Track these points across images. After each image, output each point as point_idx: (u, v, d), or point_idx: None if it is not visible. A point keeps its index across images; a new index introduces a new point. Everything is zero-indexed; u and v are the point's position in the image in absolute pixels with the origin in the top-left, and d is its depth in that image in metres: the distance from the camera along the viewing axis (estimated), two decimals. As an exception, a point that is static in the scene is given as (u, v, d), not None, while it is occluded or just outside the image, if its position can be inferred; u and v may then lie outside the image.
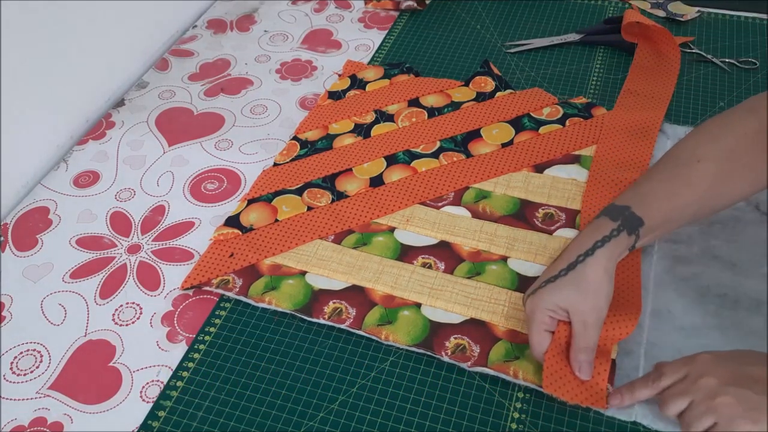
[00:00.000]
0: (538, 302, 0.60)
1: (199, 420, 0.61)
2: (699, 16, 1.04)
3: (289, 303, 0.68)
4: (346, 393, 0.62)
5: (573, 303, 0.58)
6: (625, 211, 0.61)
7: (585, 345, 0.58)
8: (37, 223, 0.79)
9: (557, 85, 0.93)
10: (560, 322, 0.60)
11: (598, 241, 0.60)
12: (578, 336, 0.58)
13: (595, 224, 0.62)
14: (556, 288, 0.59)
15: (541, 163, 0.81)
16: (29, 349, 0.67)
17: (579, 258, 0.59)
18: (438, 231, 0.74)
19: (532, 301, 0.61)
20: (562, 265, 0.60)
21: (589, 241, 0.60)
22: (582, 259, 0.59)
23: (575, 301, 0.58)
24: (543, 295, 0.60)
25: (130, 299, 0.71)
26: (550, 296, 0.59)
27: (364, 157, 0.83)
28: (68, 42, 0.88)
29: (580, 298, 0.58)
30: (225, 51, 1.04)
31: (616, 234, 0.60)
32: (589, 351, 0.59)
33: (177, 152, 0.87)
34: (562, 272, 0.60)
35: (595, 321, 0.58)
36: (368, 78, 0.95)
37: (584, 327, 0.58)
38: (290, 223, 0.76)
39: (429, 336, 0.65)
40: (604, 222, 0.62)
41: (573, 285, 0.59)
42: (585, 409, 0.59)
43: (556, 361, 0.60)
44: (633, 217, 0.61)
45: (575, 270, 0.59)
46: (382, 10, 1.10)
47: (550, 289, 0.59)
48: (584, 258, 0.59)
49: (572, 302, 0.58)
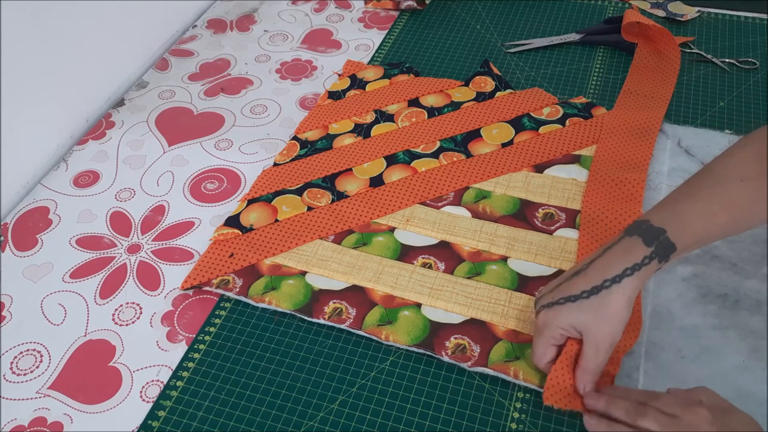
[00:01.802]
0: (553, 318, 0.58)
1: (199, 420, 0.61)
2: (699, 16, 1.04)
3: (289, 303, 0.68)
4: (346, 393, 0.62)
5: (590, 327, 0.57)
6: (661, 236, 0.57)
7: (594, 367, 0.58)
8: (37, 223, 0.79)
9: (557, 85, 0.93)
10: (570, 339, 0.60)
11: (628, 269, 0.56)
12: (588, 358, 0.58)
13: (626, 244, 0.58)
14: (576, 309, 0.57)
15: (541, 163, 0.81)
16: (29, 349, 0.67)
17: (605, 283, 0.57)
18: (438, 231, 0.74)
19: (547, 314, 0.59)
20: (586, 285, 0.57)
21: (618, 266, 0.57)
22: (608, 286, 0.56)
23: (592, 326, 0.57)
24: (561, 312, 0.58)
25: (130, 299, 0.71)
26: (567, 316, 0.58)
27: (364, 157, 0.83)
28: (68, 42, 0.88)
29: (598, 324, 0.57)
30: (225, 51, 1.04)
31: (648, 262, 0.57)
32: (596, 373, 0.58)
33: (177, 152, 0.87)
34: (584, 294, 0.57)
35: (608, 346, 0.57)
36: (368, 78, 0.95)
37: (596, 350, 0.57)
38: (290, 223, 0.76)
39: (429, 336, 0.65)
40: (636, 244, 0.57)
41: (593, 310, 0.57)
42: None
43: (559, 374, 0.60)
44: (667, 243, 0.57)
45: (599, 295, 0.57)
46: (382, 10, 1.10)
47: (568, 309, 0.58)
48: (611, 285, 0.56)
49: (589, 327, 0.57)
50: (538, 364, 0.60)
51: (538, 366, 0.60)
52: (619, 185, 0.77)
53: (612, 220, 0.73)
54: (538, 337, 0.59)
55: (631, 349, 0.63)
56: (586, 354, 0.57)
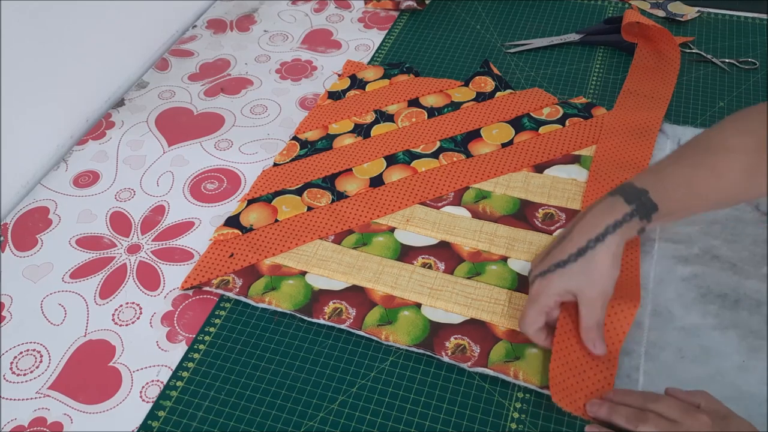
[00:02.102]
0: (546, 286, 0.60)
1: (199, 420, 0.61)
2: (699, 16, 1.04)
3: (289, 303, 0.68)
4: (346, 393, 0.62)
5: (582, 288, 0.59)
6: (642, 196, 0.59)
7: (594, 323, 0.60)
8: (37, 223, 0.79)
9: (557, 85, 0.93)
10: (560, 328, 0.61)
11: (610, 226, 0.59)
12: (587, 316, 0.60)
13: (608, 203, 0.60)
14: (566, 274, 0.60)
15: (541, 163, 0.81)
16: (29, 349, 0.67)
17: (590, 243, 0.59)
18: (438, 231, 0.74)
19: (541, 283, 0.61)
20: (572, 249, 0.60)
21: (600, 224, 0.59)
22: (593, 246, 0.59)
23: (584, 286, 0.59)
24: (553, 280, 0.60)
25: (130, 299, 0.71)
26: (559, 282, 0.60)
27: (364, 157, 0.83)
28: (68, 42, 0.88)
29: (589, 284, 0.59)
30: (225, 51, 1.04)
31: (629, 219, 0.59)
32: (598, 327, 0.60)
33: (177, 152, 0.87)
34: (572, 258, 0.59)
35: (602, 303, 0.60)
36: (368, 78, 0.95)
37: (592, 309, 0.59)
38: (290, 224, 0.76)
39: (429, 336, 0.65)
40: (618, 203, 0.59)
41: (582, 272, 0.59)
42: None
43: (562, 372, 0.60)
44: (649, 203, 0.59)
45: (585, 257, 0.59)
46: (382, 10, 1.10)
47: (560, 275, 0.60)
48: (595, 245, 0.59)
49: (581, 288, 0.59)
50: (527, 331, 0.62)
51: (527, 333, 0.62)
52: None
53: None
54: (532, 305, 0.61)
55: (631, 350, 0.63)
56: (584, 313, 0.60)
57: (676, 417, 0.54)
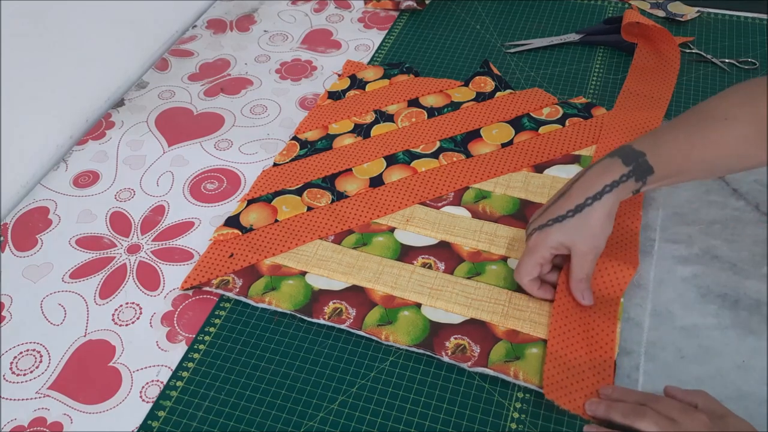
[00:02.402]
0: (544, 239, 0.64)
1: (199, 420, 0.61)
2: (699, 16, 1.04)
3: (289, 303, 0.68)
4: (346, 393, 0.62)
5: (576, 242, 0.63)
6: (639, 158, 0.62)
7: (584, 275, 0.64)
8: (37, 223, 0.79)
9: (557, 85, 0.93)
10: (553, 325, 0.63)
11: (607, 186, 0.62)
12: (578, 269, 0.64)
13: (606, 164, 0.63)
14: (563, 228, 0.63)
15: (541, 163, 0.81)
16: (29, 349, 0.67)
17: (587, 201, 0.62)
18: (438, 231, 0.74)
19: (539, 236, 0.64)
20: (570, 204, 0.63)
21: (598, 183, 0.62)
22: (590, 203, 0.62)
23: (578, 241, 0.63)
24: (550, 233, 0.64)
25: (129, 299, 0.71)
26: (556, 235, 0.63)
27: (364, 157, 0.83)
28: (68, 42, 0.88)
29: (582, 239, 0.63)
30: (225, 51, 1.04)
31: (625, 180, 0.62)
32: (587, 280, 0.64)
33: (177, 152, 0.87)
34: (569, 213, 0.63)
35: (593, 257, 0.64)
36: (368, 78, 0.95)
37: (583, 262, 0.64)
38: (290, 224, 0.76)
39: (429, 336, 0.65)
40: (615, 164, 0.62)
41: (578, 227, 0.63)
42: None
43: (557, 372, 0.60)
44: (645, 165, 0.62)
45: (582, 213, 0.62)
46: (382, 10, 1.10)
47: (557, 229, 0.63)
48: (592, 202, 0.62)
49: (575, 242, 0.63)
50: (522, 281, 0.66)
51: (521, 282, 0.66)
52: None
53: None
54: (529, 256, 0.65)
55: (631, 350, 0.63)
56: (574, 266, 0.64)
57: (675, 416, 0.54)
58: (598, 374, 0.61)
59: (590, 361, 0.61)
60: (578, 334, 0.63)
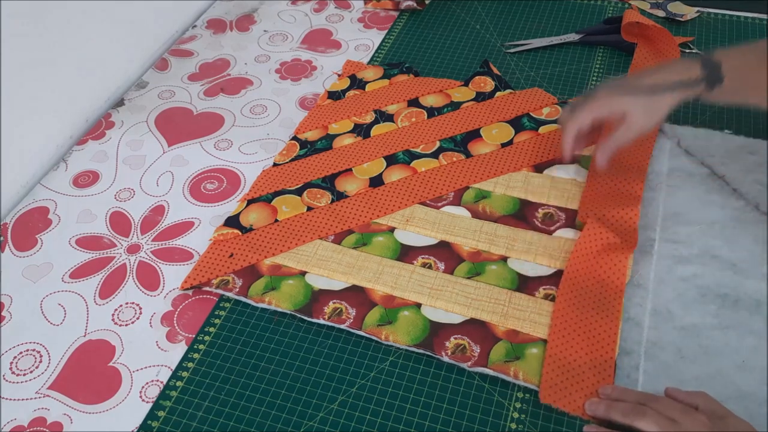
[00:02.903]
0: (611, 100, 0.71)
1: (199, 420, 0.61)
2: (699, 16, 1.04)
3: (289, 303, 0.68)
4: (346, 393, 0.62)
5: (634, 115, 0.69)
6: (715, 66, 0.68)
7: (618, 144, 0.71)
8: (37, 223, 0.79)
9: (557, 85, 0.93)
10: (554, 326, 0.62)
11: (682, 82, 0.68)
12: (618, 135, 0.71)
13: (687, 63, 0.70)
14: (633, 100, 0.70)
15: (540, 163, 0.81)
16: (29, 349, 0.67)
17: (664, 89, 0.69)
18: (438, 231, 0.74)
19: (609, 94, 0.71)
20: (646, 87, 0.69)
21: (675, 77, 0.69)
22: (662, 91, 0.69)
23: (637, 114, 0.69)
24: (621, 99, 0.70)
25: (129, 299, 0.71)
26: (624, 102, 0.70)
27: (363, 157, 0.83)
28: (68, 42, 0.88)
29: (641, 115, 0.70)
30: (225, 51, 1.04)
31: (695, 85, 0.68)
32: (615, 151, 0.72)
33: (177, 152, 0.87)
34: (642, 91, 0.69)
35: (637, 134, 0.71)
36: (368, 78, 0.95)
37: (629, 132, 0.70)
38: (290, 224, 0.76)
39: (429, 336, 0.65)
40: (694, 65, 0.69)
41: (644, 104, 0.69)
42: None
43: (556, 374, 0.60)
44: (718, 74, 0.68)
45: (653, 95, 0.69)
46: (382, 10, 1.10)
47: (627, 97, 0.70)
48: (663, 92, 0.69)
49: (634, 114, 0.69)
50: (566, 121, 0.73)
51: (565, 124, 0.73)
52: (617, 185, 0.77)
53: (610, 220, 0.73)
54: (588, 105, 0.72)
55: (631, 350, 0.63)
56: (619, 132, 0.71)
57: (675, 416, 0.54)
58: (599, 374, 0.61)
59: (590, 361, 0.61)
60: (579, 333, 0.63)
